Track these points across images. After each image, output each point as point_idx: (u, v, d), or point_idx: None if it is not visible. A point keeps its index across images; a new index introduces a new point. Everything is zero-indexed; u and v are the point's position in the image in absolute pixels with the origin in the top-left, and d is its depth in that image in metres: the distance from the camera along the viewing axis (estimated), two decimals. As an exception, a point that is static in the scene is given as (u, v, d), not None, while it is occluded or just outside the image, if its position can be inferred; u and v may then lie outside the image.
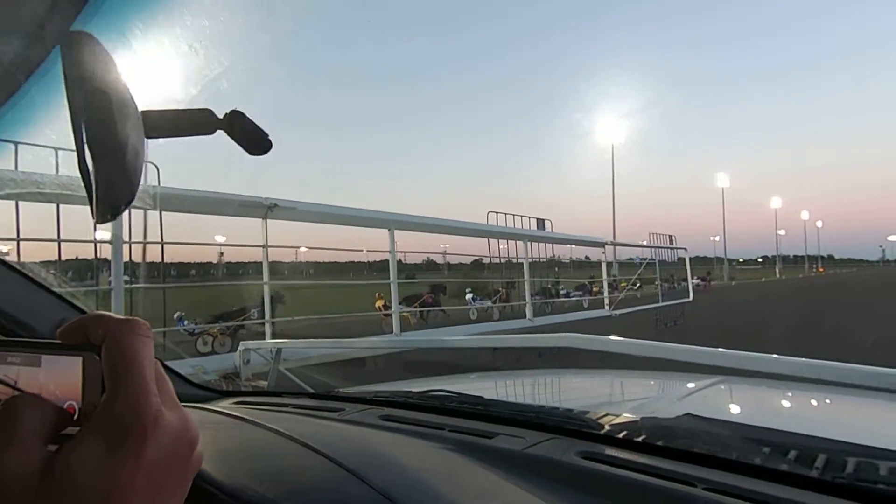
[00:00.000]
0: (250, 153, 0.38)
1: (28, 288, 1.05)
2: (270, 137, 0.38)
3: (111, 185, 0.31)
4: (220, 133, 0.41)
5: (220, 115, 0.37)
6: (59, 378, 0.29)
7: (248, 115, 0.38)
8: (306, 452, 0.73)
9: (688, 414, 0.85)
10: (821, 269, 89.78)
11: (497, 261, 12.00)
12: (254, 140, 0.37)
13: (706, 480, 0.59)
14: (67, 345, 0.30)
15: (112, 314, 0.31)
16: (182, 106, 0.38)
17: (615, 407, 1.31)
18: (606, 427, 0.80)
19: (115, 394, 0.28)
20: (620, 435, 0.77)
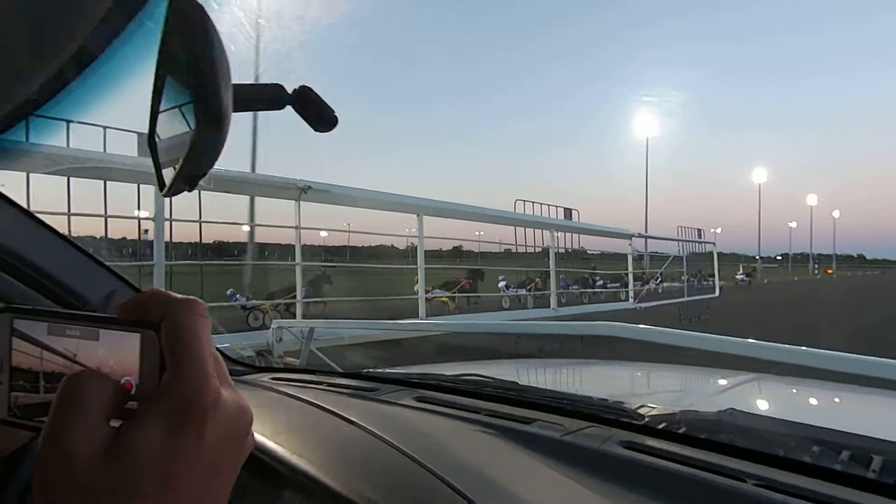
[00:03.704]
0: (316, 129, 0.38)
1: (82, 261, 1.09)
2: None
3: (199, 156, 0.31)
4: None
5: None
6: (116, 353, 0.29)
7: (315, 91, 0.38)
8: (350, 427, 0.74)
9: (731, 409, 0.83)
10: (829, 271, 73.95)
11: (524, 250, 11.91)
12: (321, 116, 0.37)
13: (756, 476, 0.58)
14: (126, 321, 0.30)
15: (171, 293, 0.30)
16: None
17: (649, 398, 1.29)
18: (646, 418, 0.78)
19: (176, 374, 0.28)
20: (660, 426, 0.75)
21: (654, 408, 0.84)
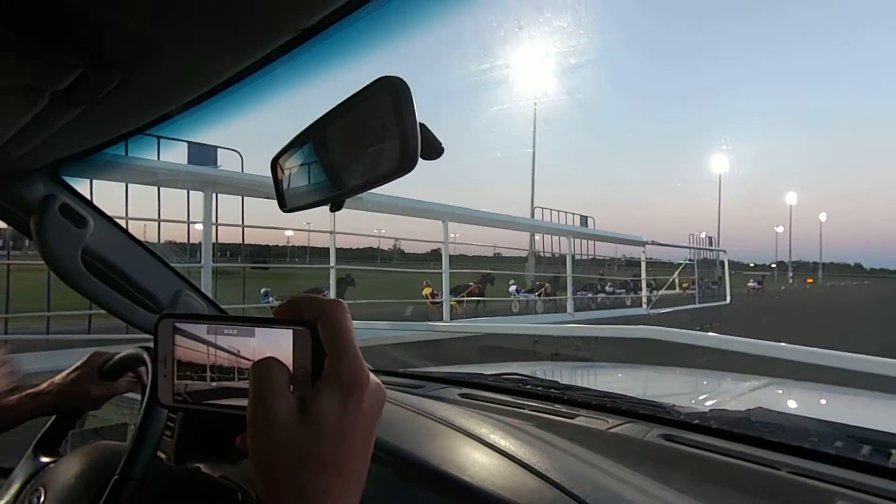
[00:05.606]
0: (424, 158, 0.46)
1: (152, 263, 1.18)
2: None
3: (366, 187, 0.40)
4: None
5: None
6: (272, 346, 0.36)
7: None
8: (411, 414, 0.81)
9: (759, 406, 0.89)
10: (809, 280, 65.91)
11: (541, 255, 11.94)
12: (431, 148, 0.45)
13: (788, 465, 0.64)
14: (280, 319, 0.36)
15: (321, 297, 0.38)
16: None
17: (675, 398, 1.34)
18: (682, 415, 0.85)
19: (339, 358, 0.35)
20: (695, 422, 0.82)
21: (686, 406, 0.90)
